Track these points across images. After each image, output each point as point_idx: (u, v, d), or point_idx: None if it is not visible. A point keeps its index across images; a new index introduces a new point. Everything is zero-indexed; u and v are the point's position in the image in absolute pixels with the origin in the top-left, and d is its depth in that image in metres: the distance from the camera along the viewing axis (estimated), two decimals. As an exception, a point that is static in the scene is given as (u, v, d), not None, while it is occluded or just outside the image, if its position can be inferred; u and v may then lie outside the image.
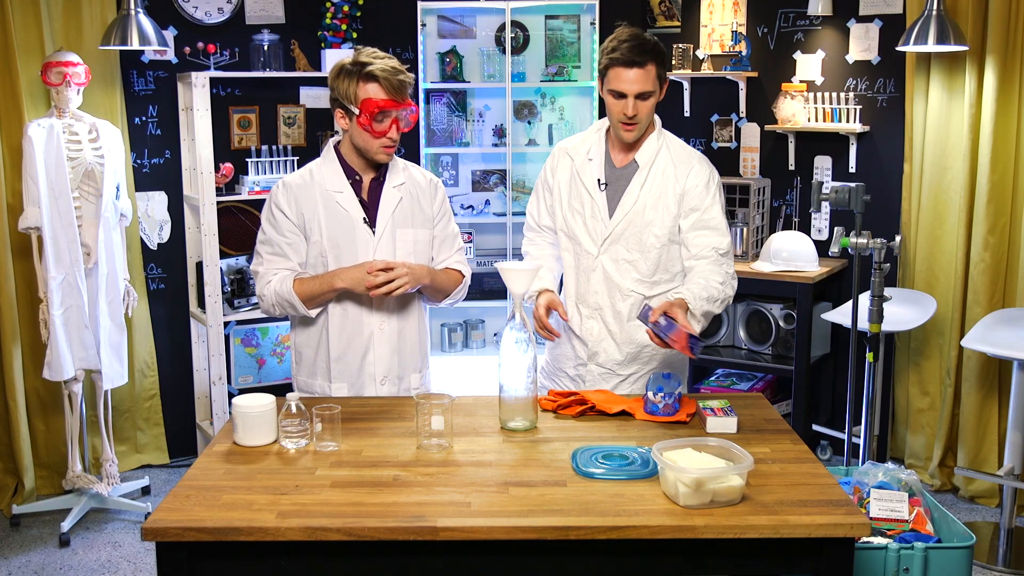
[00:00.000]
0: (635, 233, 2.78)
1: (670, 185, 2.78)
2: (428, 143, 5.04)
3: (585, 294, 2.87)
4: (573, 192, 2.86)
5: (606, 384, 2.85)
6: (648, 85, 2.68)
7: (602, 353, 2.86)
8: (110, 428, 4.11)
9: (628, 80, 2.67)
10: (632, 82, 2.66)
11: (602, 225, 2.80)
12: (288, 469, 2.17)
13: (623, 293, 2.82)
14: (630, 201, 2.78)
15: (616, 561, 1.94)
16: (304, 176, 2.76)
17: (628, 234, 2.79)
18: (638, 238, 2.78)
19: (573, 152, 2.90)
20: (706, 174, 2.80)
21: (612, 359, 2.85)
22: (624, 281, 2.81)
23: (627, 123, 2.72)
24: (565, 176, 2.89)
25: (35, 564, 3.73)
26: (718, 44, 4.89)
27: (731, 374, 4.86)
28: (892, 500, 2.60)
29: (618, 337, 2.84)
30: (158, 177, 4.56)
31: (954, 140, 4.26)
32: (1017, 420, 3.78)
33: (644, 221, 2.77)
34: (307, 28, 4.75)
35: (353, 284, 2.64)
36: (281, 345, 4.82)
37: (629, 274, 2.81)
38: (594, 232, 2.82)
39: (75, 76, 3.82)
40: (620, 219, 2.78)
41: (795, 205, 4.82)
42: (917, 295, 4.31)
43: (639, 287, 2.81)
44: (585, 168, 2.85)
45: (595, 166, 2.84)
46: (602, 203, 2.81)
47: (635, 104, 2.68)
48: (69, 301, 3.81)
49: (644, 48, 2.66)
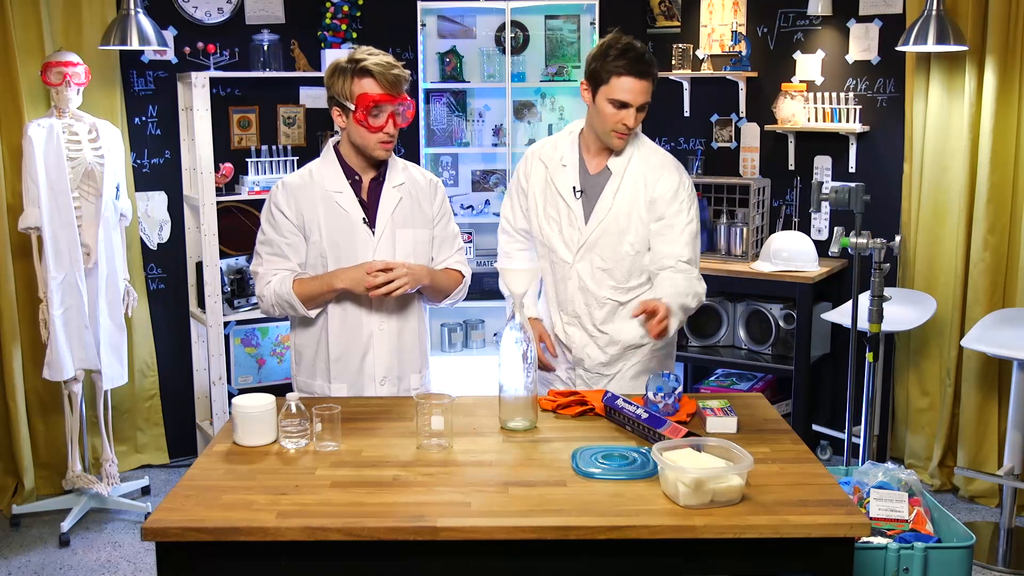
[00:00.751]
0: (609, 242, 2.77)
1: (641, 193, 2.76)
2: (428, 143, 5.04)
3: (563, 301, 2.87)
4: (548, 199, 2.84)
5: (596, 386, 2.85)
6: (649, 96, 2.69)
7: (587, 359, 2.88)
8: (110, 428, 4.11)
9: (635, 91, 2.65)
10: (639, 93, 2.66)
11: (577, 233, 2.79)
12: (288, 469, 2.17)
13: (599, 301, 2.83)
14: (604, 209, 2.77)
15: (616, 561, 1.94)
16: (304, 176, 2.75)
17: (603, 242, 2.78)
18: (613, 247, 2.78)
19: (546, 158, 2.87)
20: (675, 182, 2.77)
21: (597, 362, 2.88)
22: (600, 289, 2.82)
23: (623, 133, 2.71)
24: (539, 182, 2.87)
25: (35, 564, 3.73)
26: (718, 44, 4.89)
27: (731, 374, 4.86)
28: (892, 500, 2.60)
29: (600, 341, 2.85)
30: (158, 177, 4.56)
31: (954, 140, 4.26)
32: (1017, 420, 3.78)
33: (618, 229, 2.77)
34: (307, 28, 4.75)
35: (353, 284, 2.64)
36: (281, 345, 4.82)
37: (604, 282, 2.81)
38: (569, 240, 2.81)
39: (75, 76, 3.82)
40: (595, 227, 2.77)
41: (795, 205, 4.82)
42: (917, 295, 4.31)
43: (614, 294, 2.82)
44: (559, 175, 2.82)
45: (570, 173, 2.81)
46: (578, 211, 2.79)
47: (636, 115, 2.68)
48: (69, 301, 3.81)
49: (649, 59, 2.66)
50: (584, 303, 2.84)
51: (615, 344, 2.85)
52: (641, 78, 2.64)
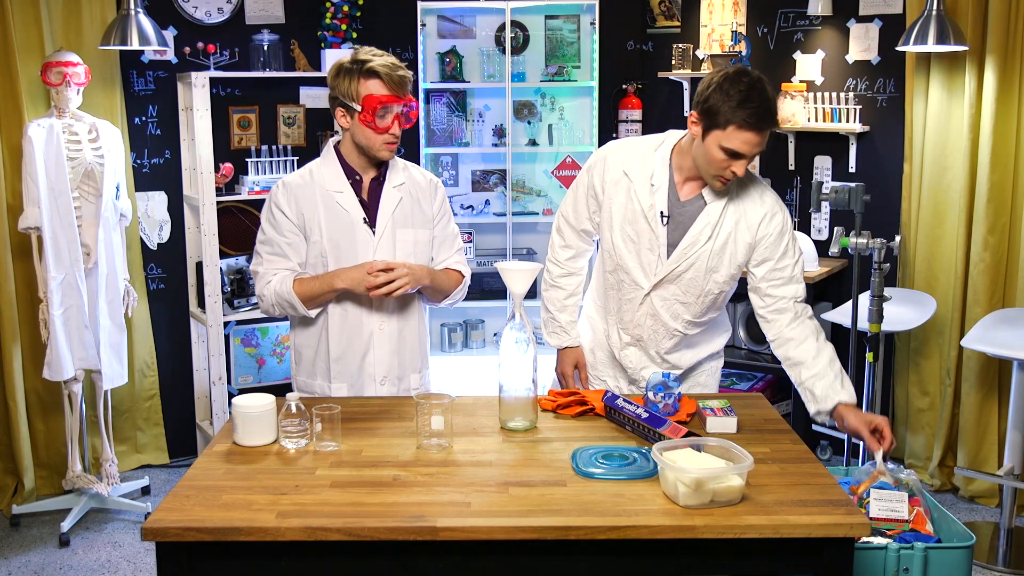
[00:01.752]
0: (695, 277, 2.61)
1: (742, 233, 2.57)
2: (428, 143, 5.04)
3: (628, 323, 2.73)
4: (627, 217, 2.63)
5: None
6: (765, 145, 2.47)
7: (641, 380, 2.77)
8: (110, 428, 4.11)
9: (752, 144, 2.43)
10: (756, 146, 2.44)
11: (657, 260, 2.61)
12: (288, 469, 2.17)
13: (669, 332, 2.70)
14: (694, 244, 2.57)
15: (616, 561, 1.94)
16: (304, 176, 2.76)
17: (687, 277, 2.61)
18: (697, 283, 2.61)
19: (632, 173, 2.63)
20: (780, 223, 2.58)
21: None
22: (673, 322, 2.68)
23: (728, 179, 2.51)
24: (620, 196, 2.64)
25: (35, 564, 3.73)
26: (718, 44, 4.89)
27: (731, 374, 4.86)
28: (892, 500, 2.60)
29: (661, 366, 2.75)
30: (158, 177, 4.56)
31: (954, 140, 4.26)
32: (1017, 420, 3.78)
33: (707, 267, 2.59)
34: (307, 28, 4.75)
35: (353, 284, 2.64)
36: (281, 345, 4.82)
37: (680, 316, 2.68)
38: (648, 267, 2.63)
39: (75, 76, 3.82)
40: (681, 261, 2.59)
41: (795, 205, 4.82)
42: (917, 295, 4.31)
43: (687, 328, 2.71)
44: (646, 195, 2.59)
45: (660, 196, 2.59)
46: (663, 238, 2.59)
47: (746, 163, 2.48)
48: (69, 301, 3.81)
49: (774, 110, 2.43)
50: (652, 330, 2.70)
51: (676, 369, 2.75)
52: (760, 132, 2.42)
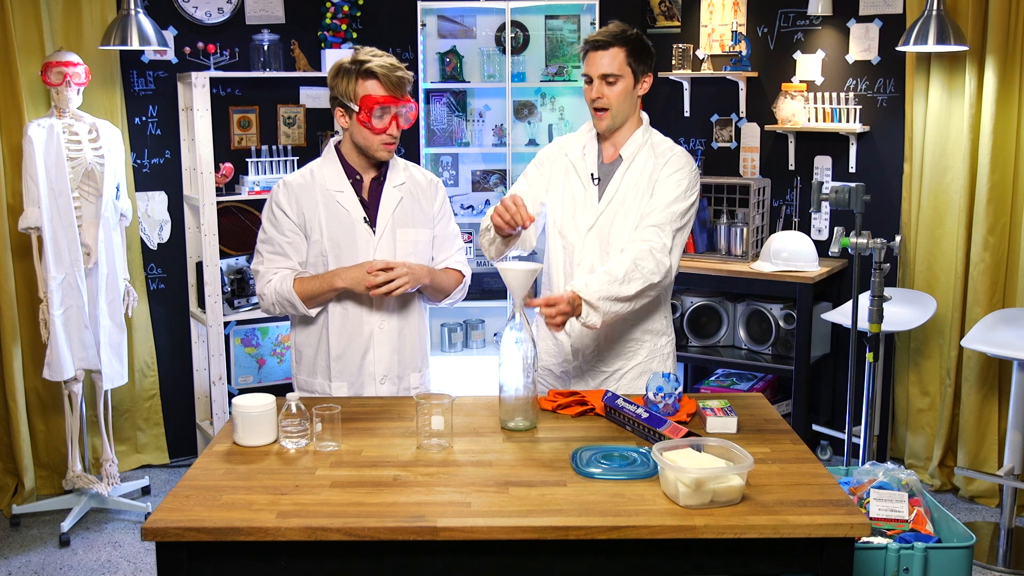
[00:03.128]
0: (618, 223, 2.77)
1: (647, 176, 2.79)
2: (428, 143, 5.04)
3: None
4: (566, 186, 2.86)
5: (593, 382, 2.84)
6: (614, 68, 2.68)
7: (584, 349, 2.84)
8: (110, 428, 4.11)
9: (593, 63, 2.69)
10: (597, 65, 2.69)
11: (590, 215, 2.81)
12: (288, 469, 2.17)
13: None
14: (613, 190, 2.79)
15: (616, 561, 1.94)
16: (305, 176, 2.76)
17: (614, 225, 2.77)
18: (620, 227, 2.77)
19: (567, 148, 2.90)
20: (679, 163, 2.77)
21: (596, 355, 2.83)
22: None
23: (597, 109, 2.73)
24: (559, 170, 2.89)
25: (35, 564, 3.73)
26: (718, 44, 4.89)
27: (731, 374, 4.86)
28: (892, 500, 2.60)
29: (600, 333, 2.82)
30: (158, 177, 4.56)
31: (954, 140, 4.26)
32: (1017, 420, 3.78)
33: (626, 210, 2.77)
34: (307, 28, 4.75)
35: (353, 284, 2.64)
36: (281, 345, 4.82)
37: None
38: (580, 223, 2.81)
39: (75, 76, 3.82)
40: (604, 207, 2.78)
41: (795, 205, 4.82)
42: (917, 295, 4.32)
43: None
44: (580, 161, 2.85)
45: (589, 160, 2.84)
46: (593, 194, 2.81)
47: (599, 87, 2.69)
48: (69, 301, 3.81)
49: (612, 32, 2.69)
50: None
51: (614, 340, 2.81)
52: (595, 49, 2.68)
